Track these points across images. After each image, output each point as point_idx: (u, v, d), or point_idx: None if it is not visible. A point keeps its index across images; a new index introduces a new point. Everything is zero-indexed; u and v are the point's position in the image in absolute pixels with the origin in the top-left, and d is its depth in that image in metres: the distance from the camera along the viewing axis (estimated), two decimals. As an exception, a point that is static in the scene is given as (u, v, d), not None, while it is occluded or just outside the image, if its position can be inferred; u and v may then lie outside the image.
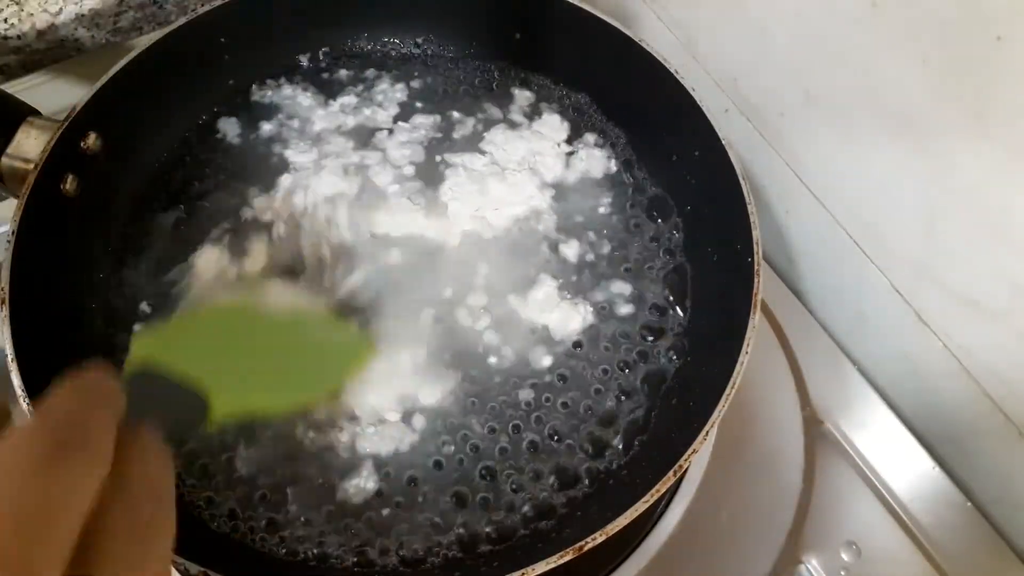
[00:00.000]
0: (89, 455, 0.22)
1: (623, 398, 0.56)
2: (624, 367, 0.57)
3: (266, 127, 0.65)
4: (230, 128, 0.65)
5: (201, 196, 0.61)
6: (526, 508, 0.52)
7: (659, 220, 0.63)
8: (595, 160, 0.65)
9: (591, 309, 0.59)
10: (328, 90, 0.68)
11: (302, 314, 0.50)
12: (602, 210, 0.63)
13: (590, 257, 0.61)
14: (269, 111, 0.66)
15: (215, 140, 0.64)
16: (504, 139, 0.64)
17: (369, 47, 0.70)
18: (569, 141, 0.66)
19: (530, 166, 0.63)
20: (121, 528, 0.22)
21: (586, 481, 0.53)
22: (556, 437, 0.54)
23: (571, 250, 0.61)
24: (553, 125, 0.66)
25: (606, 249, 0.61)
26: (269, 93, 0.67)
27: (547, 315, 0.58)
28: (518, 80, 0.69)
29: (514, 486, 0.53)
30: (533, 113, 0.67)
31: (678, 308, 0.60)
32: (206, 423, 0.34)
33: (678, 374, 0.57)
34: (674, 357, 0.58)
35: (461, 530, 0.51)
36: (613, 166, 0.65)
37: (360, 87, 0.68)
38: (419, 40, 0.70)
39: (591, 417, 0.55)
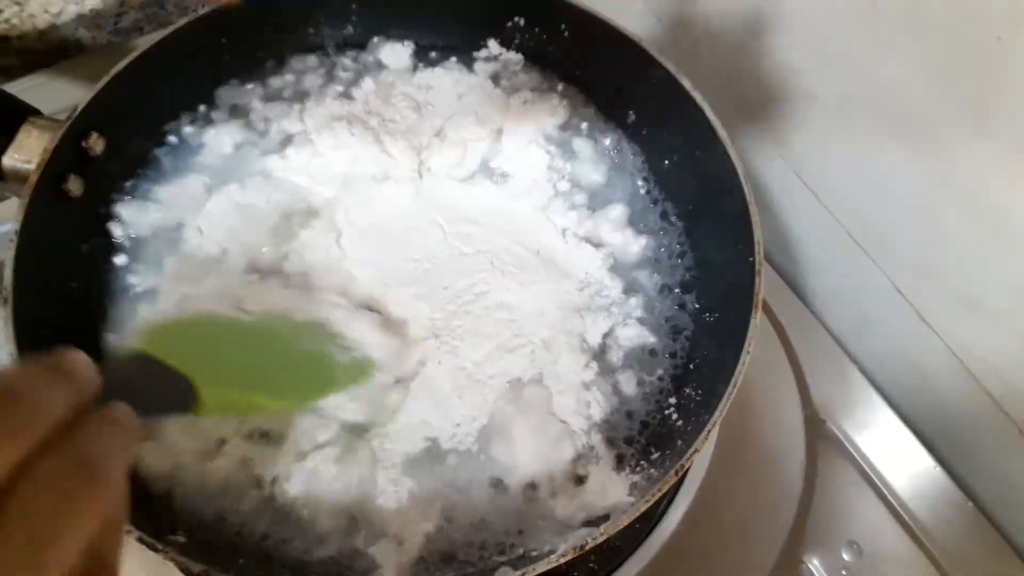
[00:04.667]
0: (18, 422, 0.23)
1: (624, 398, 0.56)
2: (625, 367, 0.57)
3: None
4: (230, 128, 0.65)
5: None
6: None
7: (659, 220, 0.63)
8: (594, 160, 0.65)
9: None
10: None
11: (302, 327, 0.51)
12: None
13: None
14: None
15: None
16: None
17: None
18: (567, 141, 0.66)
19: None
20: (38, 488, 0.23)
21: (588, 481, 0.53)
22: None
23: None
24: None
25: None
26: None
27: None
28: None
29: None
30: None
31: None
32: (193, 410, 0.36)
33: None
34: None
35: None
36: (612, 166, 0.65)
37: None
38: (419, 39, 0.70)
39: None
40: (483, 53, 0.68)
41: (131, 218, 0.58)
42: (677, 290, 0.60)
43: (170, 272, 0.56)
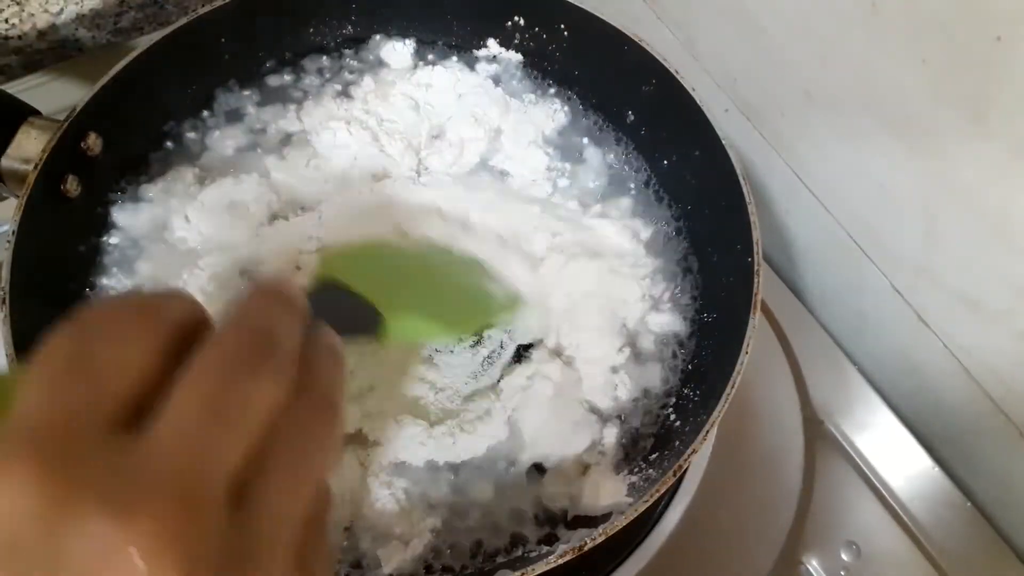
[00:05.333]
0: (278, 363, 0.22)
1: (623, 398, 0.56)
2: (624, 367, 0.57)
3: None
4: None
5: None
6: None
7: (658, 220, 0.63)
8: (593, 160, 0.65)
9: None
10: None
11: (460, 259, 0.54)
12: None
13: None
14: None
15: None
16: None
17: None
18: (566, 141, 0.66)
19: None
20: (297, 436, 0.22)
21: (586, 481, 0.53)
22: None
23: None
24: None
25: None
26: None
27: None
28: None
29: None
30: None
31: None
32: (380, 338, 0.36)
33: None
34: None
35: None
36: (611, 166, 0.65)
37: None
38: (419, 38, 0.70)
39: (591, 417, 0.55)
40: (483, 52, 0.68)
41: (130, 218, 0.58)
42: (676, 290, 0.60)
43: (166, 268, 0.56)
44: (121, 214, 0.58)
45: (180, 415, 0.20)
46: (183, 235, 0.57)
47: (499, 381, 0.54)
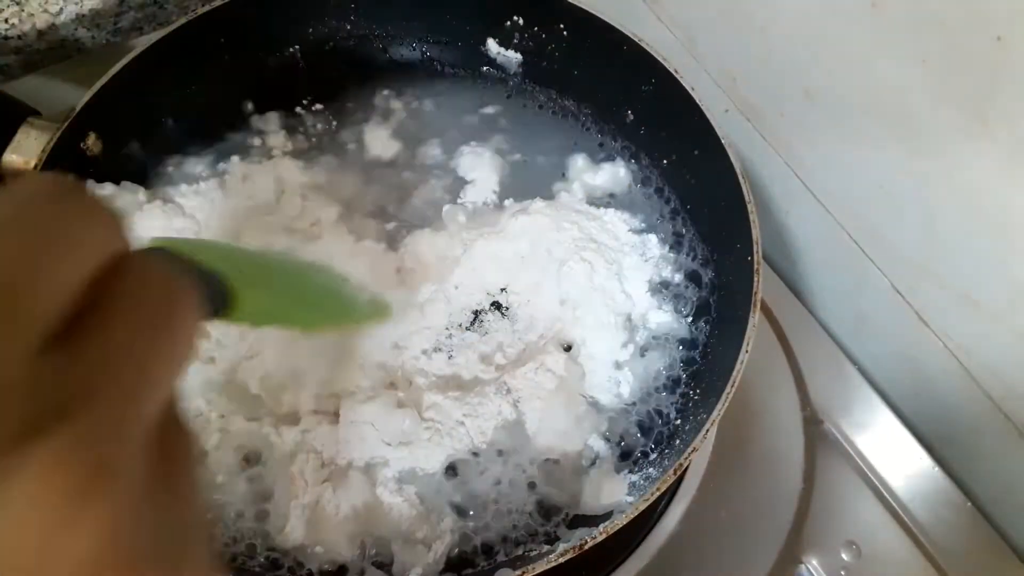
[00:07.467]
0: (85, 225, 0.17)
1: (623, 398, 0.56)
2: (624, 367, 0.57)
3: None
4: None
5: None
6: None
7: (658, 220, 0.63)
8: (592, 160, 0.65)
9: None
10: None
11: (312, 265, 0.50)
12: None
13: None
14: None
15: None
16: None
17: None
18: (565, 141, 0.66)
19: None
20: (120, 321, 0.17)
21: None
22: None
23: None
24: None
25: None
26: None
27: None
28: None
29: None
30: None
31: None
32: (227, 309, 0.30)
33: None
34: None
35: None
36: (610, 166, 0.65)
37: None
38: (416, 42, 0.70)
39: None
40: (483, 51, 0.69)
41: (128, 217, 0.58)
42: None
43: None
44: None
45: None
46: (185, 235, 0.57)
47: (503, 375, 0.54)
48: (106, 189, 0.55)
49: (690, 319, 0.59)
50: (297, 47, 0.68)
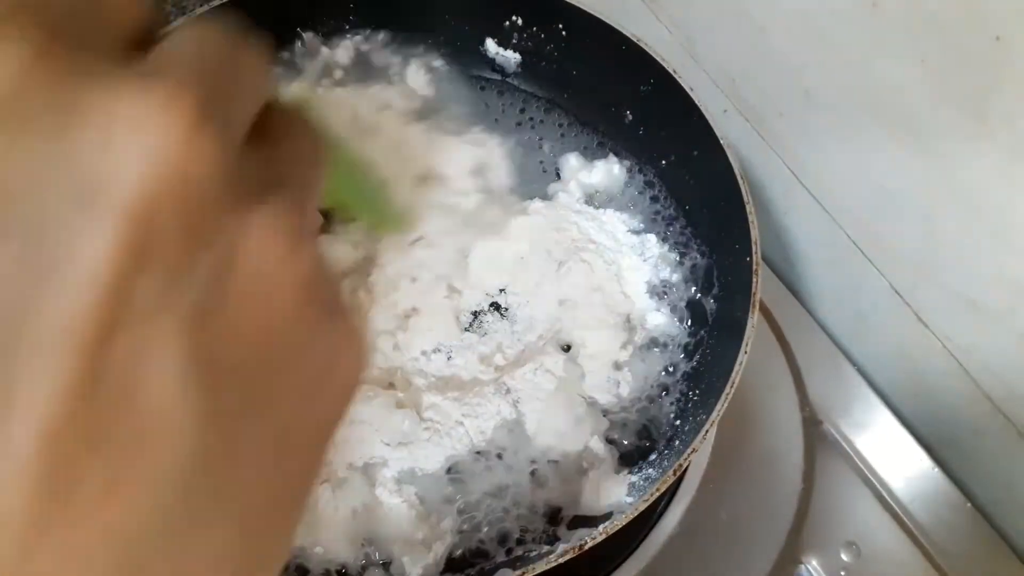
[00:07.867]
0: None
1: (622, 398, 0.56)
2: (623, 367, 0.57)
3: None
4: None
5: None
6: (525, 508, 0.52)
7: (657, 220, 0.63)
8: (591, 160, 0.65)
9: (590, 309, 0.58)
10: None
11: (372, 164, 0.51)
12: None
13: (589, 257, 0.61)
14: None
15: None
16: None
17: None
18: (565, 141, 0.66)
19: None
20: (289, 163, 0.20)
21: (586, 481, 0.53)
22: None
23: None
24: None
25: (605, 249, 0.61)
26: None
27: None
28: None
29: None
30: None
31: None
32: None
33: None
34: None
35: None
36: (609, 166, 0.65)
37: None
38: (418, 36, 0.69)
39: (590, 417, 0.55)
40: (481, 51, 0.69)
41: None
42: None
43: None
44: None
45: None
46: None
47: (502, 375, 0.54)
48: None
49: (689, 320, 0.59)
50: (293, 48, 0.68)
